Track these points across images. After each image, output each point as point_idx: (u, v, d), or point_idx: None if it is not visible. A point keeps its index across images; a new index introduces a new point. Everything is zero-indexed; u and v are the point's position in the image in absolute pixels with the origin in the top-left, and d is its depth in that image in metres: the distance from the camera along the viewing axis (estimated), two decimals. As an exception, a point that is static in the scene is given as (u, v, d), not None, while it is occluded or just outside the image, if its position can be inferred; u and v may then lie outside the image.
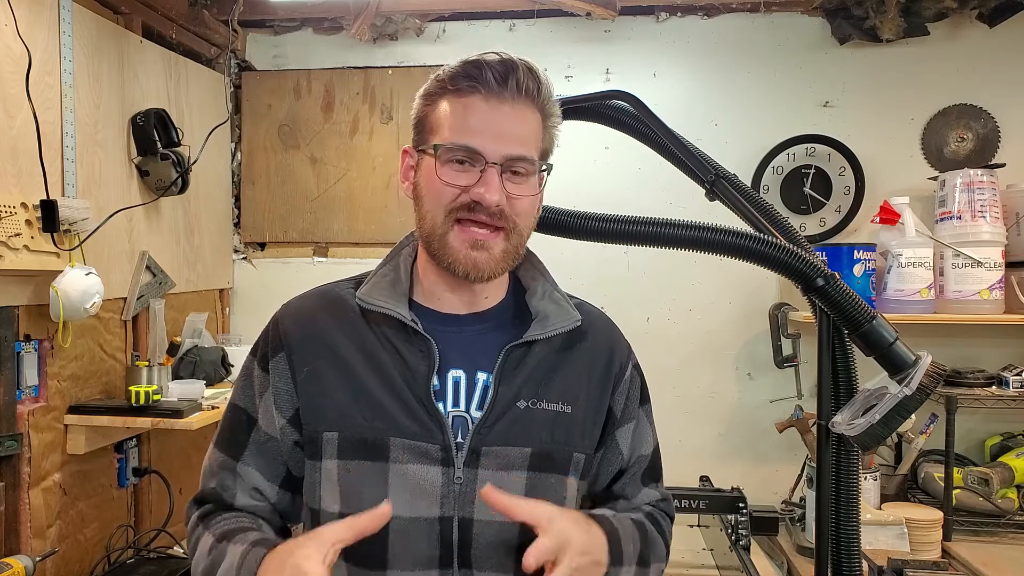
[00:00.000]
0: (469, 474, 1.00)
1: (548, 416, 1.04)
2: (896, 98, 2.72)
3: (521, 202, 1.01)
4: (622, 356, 1.14)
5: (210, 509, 1.08)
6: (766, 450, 2.76)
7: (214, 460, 1.11)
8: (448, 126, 1.00)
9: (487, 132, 0.98)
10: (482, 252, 1.00)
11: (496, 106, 0.99)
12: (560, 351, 1.08)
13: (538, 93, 1.01)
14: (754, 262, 1.16)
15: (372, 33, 2.84)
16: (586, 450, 1.08)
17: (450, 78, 1.01)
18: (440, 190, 1.00)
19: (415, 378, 1.02)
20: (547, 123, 1.04)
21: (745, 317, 2.79)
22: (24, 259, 1.82)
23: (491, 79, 0.98)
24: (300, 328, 1.08)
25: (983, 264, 2.40)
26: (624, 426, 1.13)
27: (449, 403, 1.03)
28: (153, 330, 2.39)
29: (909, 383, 1.09)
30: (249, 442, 1.08)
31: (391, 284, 1.07)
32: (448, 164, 0.99)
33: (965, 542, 2.31)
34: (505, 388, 1.03)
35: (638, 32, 2.84)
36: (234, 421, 1.10)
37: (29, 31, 1.87)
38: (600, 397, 1.10)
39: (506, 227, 1.00)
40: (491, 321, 1.09)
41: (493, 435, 1.01)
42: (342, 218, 2.93)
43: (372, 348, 1.04)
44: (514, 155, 0.99)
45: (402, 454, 0.99)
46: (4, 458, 1.87)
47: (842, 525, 1.19)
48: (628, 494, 1.15)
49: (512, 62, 0.99)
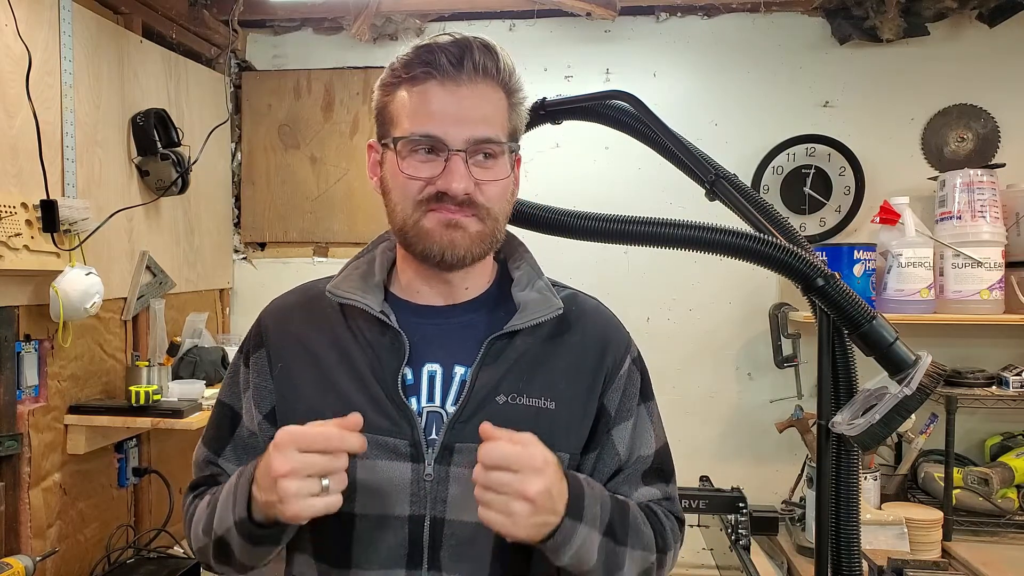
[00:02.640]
0: (441, 471, 0.96)
1: (530, 412, 0.99)
2: (896, 98, 2.72)
3: (491, 187, 0.97)
4: (617, 350, 1.08)
5: (201, 491, 1.09)
6: (766, 450, 2.76)
7: (199, 454, 1.12)
8: (407, 116, 0.96)
9: (446, 118, 0.94)
10: (457, 231, 0.96)
11: (453, 90, 0.94)
12: (545, 343, 1.03)
13: (497, 71, 0.96)
14: (754, 262, 1.16)
15: (372, 33, 2.84)
16: (571, 449, 1.02)
17: (404, 66, 0.97)
18: (404, 184, 0.96)
19: (385, 371, 0.99)
20: (512, 100, 0.99)
21: (745, 317, 2.79)
22: (24, 259, 1.82)
23: (445, 62, 0.94)
24: (277, 324, 1.07)
25: (983, 264, 2.40)
26: (620, 424, 1.06)
27: (423, 398, 0.99)
28: (153, 330, 2.39)
29: (909, 383, 1.09)
30: (232, 438, 1.08)
31: (362, 276, 1.05)
32: (410, 156, 0.96)
33: (965, 542, 2.31)
34: (483, 381, 0.99)
35: (638, 32, 2.84)
36: (218, 417, 1.10)
37: (29, 31, 1.87)
38: (588, 393, 1.04)
39: (477, 214, 0.96)
40: (472, 313, 1.05)
41: (469, 431, 0.95)
42: (342, 218, 2.93)
43: (345, 343, 1.02)
44: (478, 138, 0.94)
45: (369, 449, 0.94)
46: (4, 458, 1.87)
47: (842, 525, 1.19)
48: (625, 494, 1.06)
49: (466, 41, 0.95)
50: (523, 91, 1.01)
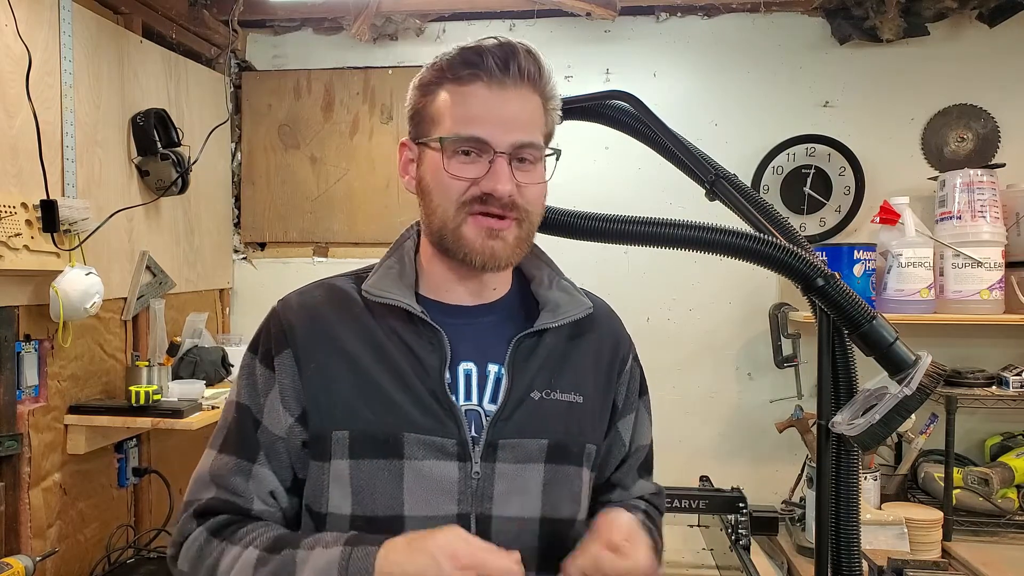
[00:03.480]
0: (487, 468, 0.98)
1: (562, 407, 1.03)
2: (896, 98, 2.72)
3: (531, 190, 0.98)
4: (625, 348, 1.14)
5: (224, 520, 0.99)
6: (766, 450, 2.76)
7: (220, 464, 1.02)
8: (450, 116, 0.97)
9: (492, 120, 0.95)
10: (498, 241, 0.97)
11: (499, 93, 0.96)
12: (569, 340, 1.07)
13: (539, 76, 0.98)
14: (754, 262, 1.16)
15: (372, 33, 2.84)
16: (596, 441, 1.08)
17: (449, 66, 0.97)
18: (449, 184, 0.97)
19: (427, 371, 0.99)
20: (547, 106, 1.01)
21: (745, 317, 2.79)
22: (24, 259, 1.82)
23: (492, 65, 0.95)
24: (304, 323, 1.03)
25: (983, 264, 2.40)
26: (625, 417, 1.13)
27: (461, 396, 1.00)
28: (153, 330, 2.39)
29: (909, 383, 1.09)
30: (260, 443, 1.01)
31: (397, 276, 1.04)
32: (455, 156, 0.96)
33: (965, 542, 2.31)
34: (519, 379, 1.01)
35: (638, 32, 2.84)
36: (241, 421, 1.02)
37: (29, 31, 1.87)
38: (607, 388, 1.10)
39: (519, 216, 0.98)
40: (500, 312, 1.07)
41: (510, 427, 0.99)
42: (342, 218, 2.93)
43: (380, 342, 1.00)
44: (522, 142, 0.96)
45: (418, 450, 0.96)
46: (4, 458, 1.87)
47: (842, 525, 1.19)
48: (626, 484, 1.15)
49: (512, 46, 0.96)
50: (557, 98, 1.03)
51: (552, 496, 1.01)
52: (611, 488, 1.15)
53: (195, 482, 1.03)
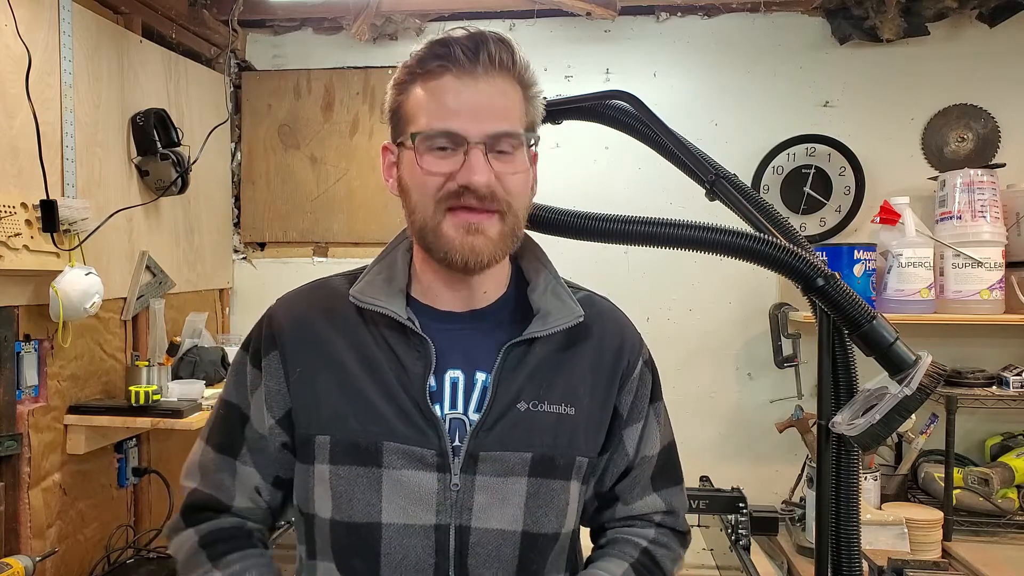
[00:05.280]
0: (466, 480, 0.96)
1: (550, 419, 0.99)
2: (896, 98, 2.72)
3: (511, 180, 0.94)
4: (631, 352, 1.09)
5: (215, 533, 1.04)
6: (766, 450, 2.76)
7: (208, 458, 1.06)
8: (424, 112, 0.94)
9: (464, 111, 0.92)
10: (478, 236, 0.93)
11: (470, 83, 0.92)
12: (563, 349, 1.03)
13: (513, 64, 0.95)
14: (754, 262, 1.16)
15: (372, 33, 2.84)
16: (589, 453, 1.03)
17: (418, 61, 0.95)
18: (424, 180, 0.93)
19: (411, 380, 0.97)
20: (527, 93, 0.98)
21: (745, 317, 2.79)
22: (24, 259, 1.82)
23: (461, 55, 0.92)
24: (293, 326, 1.03)
25: (983, 264, 2.40)
26: (632, 426, 1.08)
27: (446, 405, 0.98)
28: (153, 330, 2.38)
29: (909, 383, 1.09)
30: (245, 439, 1.04)
31: (385, 281, 1.03)
32: (429, 152, 0.93)
33: (965, 542, 2.31)
34: (505, 389, 0.98)
35: (638, 32, 2.84)
36: (228, 418, 1.06)
37: (29, 31, 1.87)
38: (605, 397, 1.05)
39: (500, 209, 0.94)
40: (491, 319, 1.03)
41: (492, 439, 0.97)
42: (342, 218, 2.93)
43: (367, 348, 0.99)
44: (497, 132, 0.92)
45: (396, 459, 0.95)
46: (4, 458, 1.87)
47: (842, 525, 1.18)
48: (627, 498, 1.10)
49: (481, 34, 0.93)
50: (538, 85, 1.00)
51: (535, 510, 0.99)
52: (611, 502, 1.11)
53: (186, 468, 1.10)
